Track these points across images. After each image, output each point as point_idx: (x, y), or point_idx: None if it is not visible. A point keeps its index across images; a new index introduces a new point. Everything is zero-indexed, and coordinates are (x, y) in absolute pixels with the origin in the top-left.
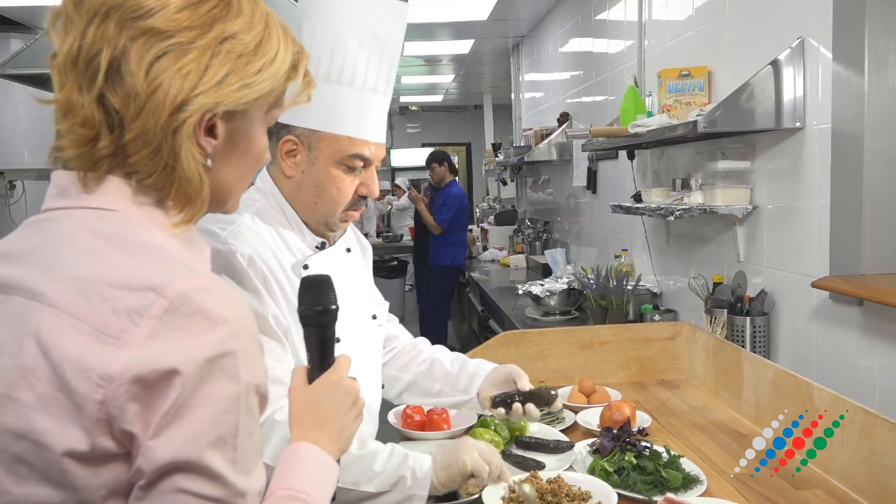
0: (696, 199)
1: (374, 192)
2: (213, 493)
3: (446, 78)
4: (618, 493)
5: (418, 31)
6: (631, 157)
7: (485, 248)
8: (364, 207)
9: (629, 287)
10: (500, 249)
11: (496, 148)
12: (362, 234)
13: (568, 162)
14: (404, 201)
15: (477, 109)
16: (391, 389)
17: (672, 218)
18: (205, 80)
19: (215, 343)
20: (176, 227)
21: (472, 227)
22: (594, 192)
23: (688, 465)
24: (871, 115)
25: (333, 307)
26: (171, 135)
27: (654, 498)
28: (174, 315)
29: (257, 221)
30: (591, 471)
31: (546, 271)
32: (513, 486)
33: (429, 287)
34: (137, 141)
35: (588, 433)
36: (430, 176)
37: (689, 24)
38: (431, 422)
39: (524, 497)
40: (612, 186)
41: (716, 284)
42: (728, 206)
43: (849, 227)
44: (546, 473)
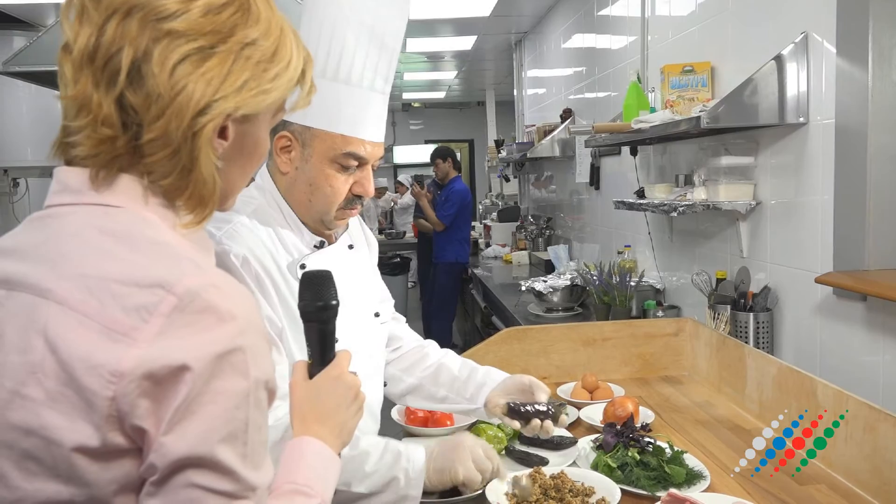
0: (699, 194)
1: (369, 192)
2: (225, 487)
3: (449, 74)
4: (621, 489)
5: (421, 28)
6: (634, 153)
7: (487, 245)
8: (360, 207)
9: (632, 283)
10: (503, 246)
11: (499, 144)
12: None
13: (571, 158)
14: (408, 199)
15: (479, 106)
16: (394, 389)
17: (675, 214)
18: (226, 84)
19: (225, 339)
20: (186, 228)
21: (475, 223)
22: (597, 188)
23: (691, 460)
24: (874, 111)
25: (334, 302)
26: (192, 138)
27: (658, 493)
28: (183, 312)
29: (254, 221)
30: (595, 466)
31: (549, 268)
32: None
33: (433, 284)
34: (156, 142)
35: (591, 429)
36: (434, 172)
37: (692, 19)
38: (434, 418)
39: (519, 490)
40: (614, 182)
41: (719, 280)
42: (731, 202)
43: (852, 222)
44: (549, 469)
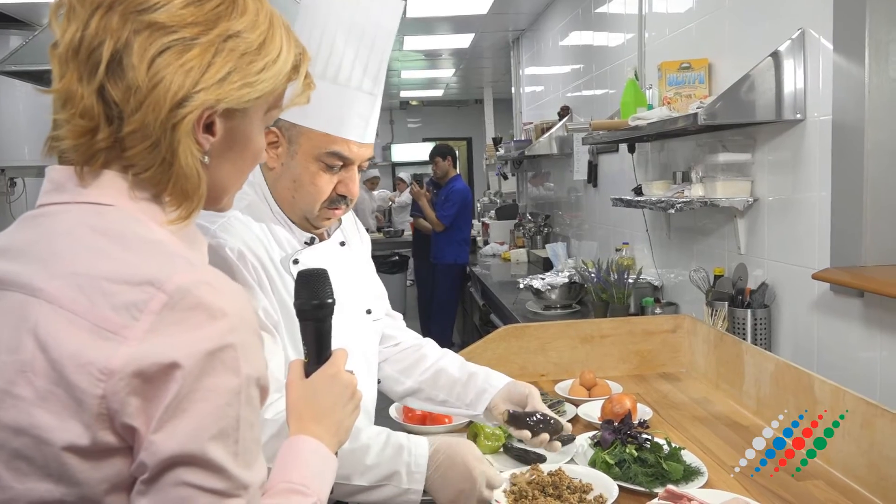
0: (696, 191)
1: (353, 193)
2: (216, 485)
3: (447, 72)
4: (619, 486)
5: (418, 26)
6: (631, 150)
7: (486, 243)
8: (345, 208)
9: (630, 280)
10: (501, 244)
11: (497, 142)
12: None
13: (569, 156)
14: (406, 197)
15: (477, 104)
16: (392, 391)
17: (673, 211)
18: (207, 76)
19: (215, 336)
20: (173, 224)
21: (473, 220)
22: (595, 185)
23: (689, 457)
24: (871, 107)
25: (330, 301)
26: (171, 130)
27: (655, 490)
28: (174, 309)
29: (248, 216)
30: (593, 463)
31: (547, 265)
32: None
33: (433, 287)
34: (136, 134)
35: (589, 426)
36: (433, 170)
37: (689, 16)
38: (433, 416)
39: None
40: (612, 180)
41: (717, 277)
42: (729, 199)
43: (849, 218)
44: (547, 466)
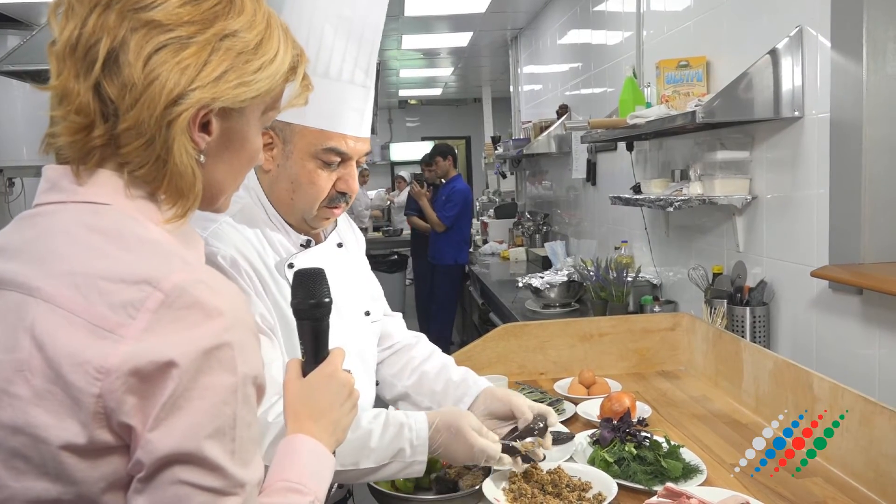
0: (695, 189)
1: (353, 189)
2: (212, 483)
3: (445, 71)
4: (618, 484)
5: (416, 25)
6: (630, 148)
7: (485, 242)
8: (345, 205)
9: (629, 279)
10: (500, 242)
11: (495, 141)
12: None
13: (567, 154)
14: (404, 197)
15: (476, 102)
16: (387, 394)
17: (671, 209)
18: (202, 75)
19: (212, 335)
20: (169, 223)
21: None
22: (593, 184)
23: (688, 455)
24: (869, 104)
25: (327, 300)
26: (165, 127)
27: (655, 488)
28: (170, 308)
29: (240, 222)
30: (592, 461)
31: (546, 264)
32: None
33: (432, 287)
34: (131, 131)
35: (588, 424)
36: (433, 170)
37: (687, 14)
38: None
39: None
40: (611, 178)
41: (715, 275)
42: (727, 197)
43: (848, 216)
44: (546, 464)
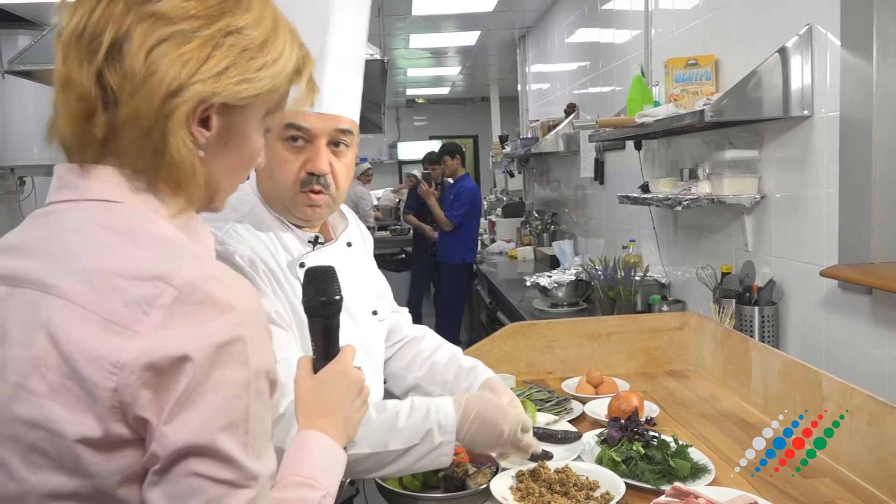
0: (703, 188)
1: (319, 168)
2: (226, 476)
3: (453, 70)
4: (626, 483)
5: (424, 24)
6: (638, 147)
7: (492, 241)
8: (323, 191)
9: (637, 278)
10: (508, 241)
11: (503, 140)
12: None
13: (575, 153)
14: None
15: (483, 101)
16: (397, 387)
17: (680, 208)
18: (204, 69)
19: (224, 329)
20: (176, 218)
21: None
22: (601, 182)
23: (696, 454)
24: (879, 103)
25: (337, 297)
26: (163, 119)
27: (662, 487)
28: (183, 303)
29: (250, 222)
30: (599, 461)
31: (554, 263)
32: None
33: (439, 287)
34: (129, 122)
35: (596, 423)
36: (436, 169)
37: (695, 12)
38: None
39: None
40: (619, 177)
41: (724, 274)
42: (736, 196)
43: (858, 215)
44: (554, 464)
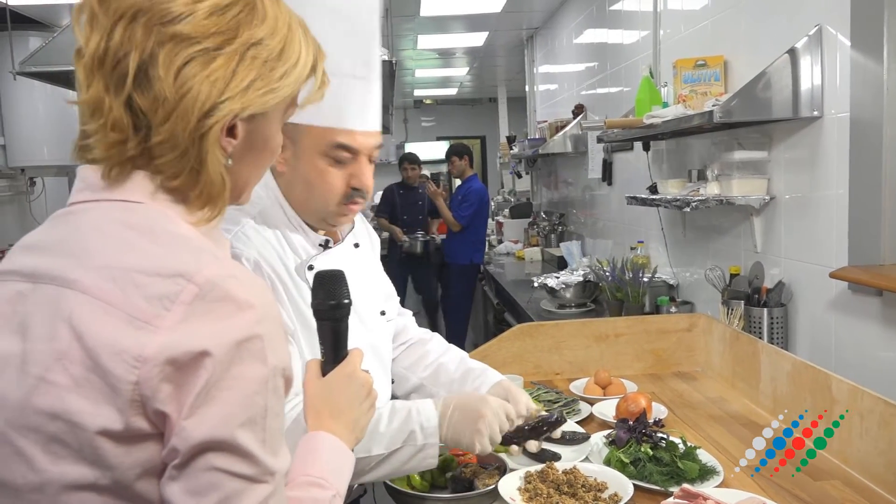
0: (712, 189)
1: (366, 185)
2: (245, 471)
3: (460, 71)
4: (634, 484)
5: (432, 25)
6: (646, 148)
7: (500, 242)
8: (362, 202)
9: (645, 279)
10: (516, 242)
11: (511, 141)
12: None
13: (583, 154)
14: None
15: (491, 102)
16: (400, 388)
17: (688, 209)
18: (232, 85)
19: (244, 326)
20: (198, 225)
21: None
22: (609, 183)
23: (704, 456)
24: (890, 104)
25: (346, 301)
26: (199, 140)
27: (671, 489)
28: (204, 300)
29: (261, 223)
30: (607, 462)
31: (561, 264)
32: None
33: (448, 288)
34: (165, 145)
35: (604, 425)
36: (449, 170)
37: (704, 13)
38: None
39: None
40: (627, 178)
41: (732, 276)
42: (745, 197)
43: (868, 216)
44: (562, 465)
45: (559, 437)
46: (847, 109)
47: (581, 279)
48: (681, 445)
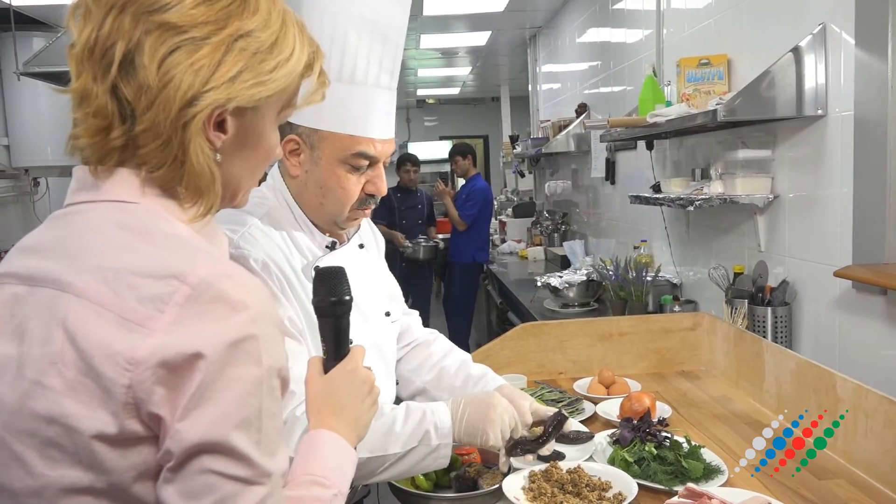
0: (715, 188)
1: (382, 191)
2: (239, 473)
3: (463, 70)
4: (638, 484)
5: (435, 24)
6: (650, 147)
7: (503, 241)
8: (373, 206)
9: (648, 278)
10: (519, 242)
11: (514, 140)
12: None
13: (586, 153)
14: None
15: (494, 101)
16: (404, 391)
17: (692, 208)
18: (217, 75)
19: (237, 327)
20: (192, 222)
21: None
22: (613, 183)
23: (709, 455)
24: (894, 102)
25: (347, 297)
26: (181, 129)
27: (675, 488)
28: (197, 301)
29: (267, 224)
30: (612, 461)
31: (565, 263)
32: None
33: (450, 286)
34: (148, 133)
35: (608, 424)
36: (452, 169)
37: (708, 11)
38: None
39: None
40: (630, 177)
41: (736, 275)
42: (749, 196)
43: (872, 215)
44: (566, 464)
45: (567, 434)
46: (851, 108)
47: (584, 278)
48: (685, 444)
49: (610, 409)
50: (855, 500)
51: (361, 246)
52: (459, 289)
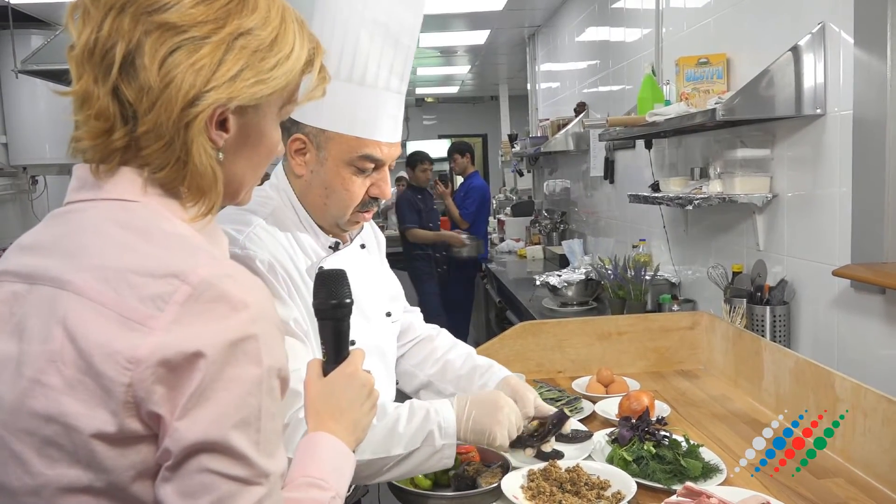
0: (714, 187)
1: (386, 194)
2: (238, 472)
3: (462, 69)
4: (637, 482)
5: (434, 23)
6: (648, 146)
7: (502, 240)
8: (376, 208)
9: (647, 277)
10: (517, 241)
11: (512, 139)
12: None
13: (585, 152)
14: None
15: (493, 100)
16: (408, 385)
17: (690, 207)
18: (218, 75)
19: (238, 327)
20: (194, 221)
21: (490, 216)
22: (611, 182)
23: (707, 454)
24: (893, 101)
25: (348, 301)
26: (184, 129)
27: (674, 487)
28: (197, 301)
29: (272, 225)
30: (610, 460)
31: (563, 262)
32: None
33: (448, 283)
34: (150, 134)
35: (606, 423)
36: (451, 167)
37: (707, 10)
38: None
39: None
40: (629, 176)
41: (735, 274)
42: (747, 195)
43: (871, 214)
44: (565, 463)
45: (568, 434)
46: (850, 107)
47: (583, 277)
48: (684, 443)
49: (609, 407)
50: (854, 499)
51: (363, 246)
52: (457, 287)
